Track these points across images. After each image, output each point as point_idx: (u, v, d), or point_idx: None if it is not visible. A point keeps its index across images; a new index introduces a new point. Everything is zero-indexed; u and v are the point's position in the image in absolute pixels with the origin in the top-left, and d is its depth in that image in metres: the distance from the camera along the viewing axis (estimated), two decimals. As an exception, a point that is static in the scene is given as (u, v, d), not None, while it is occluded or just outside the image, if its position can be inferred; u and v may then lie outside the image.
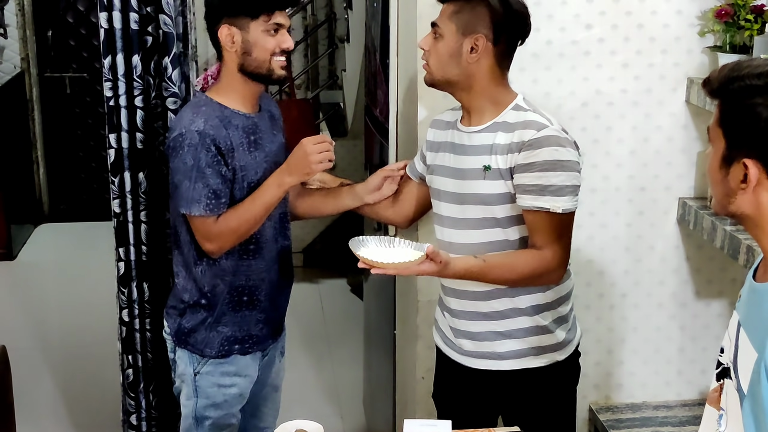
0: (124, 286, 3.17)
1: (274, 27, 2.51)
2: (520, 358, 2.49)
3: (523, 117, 2.38)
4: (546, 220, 2.33)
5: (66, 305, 5.36)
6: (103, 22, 2.96)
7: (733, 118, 1.58)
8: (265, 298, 2.71)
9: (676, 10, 2.87)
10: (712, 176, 1.66)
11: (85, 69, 6.58)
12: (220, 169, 2.50)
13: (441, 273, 2.29)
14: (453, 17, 2.39)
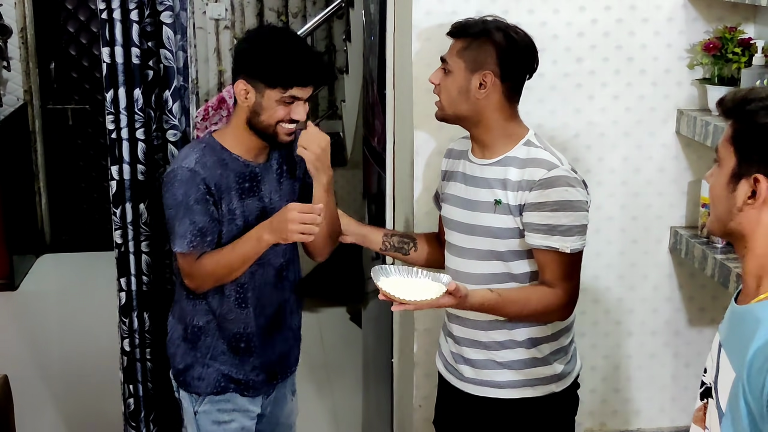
0: (126, 316, 3.22)
1: (288, 99, 2.50)
2: (518, 388, 2.53)
3: (534, 154, 2.43)
4: (556, 260, 2.38)
5: (68, 335, 5.40)
6: (105, 56, 3.02)
7: (747, 135, 1.65)
8: (261, 346, 2.71)
9: (666, 43, 2.93)
10: (716, 193, 1.72)
11: (87, 101, 6.65)
12: (208, 207, 2.53)
13: (459, 306, 2.32)
14: (461, 54, 2.45)
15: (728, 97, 1.71)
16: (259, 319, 2.68)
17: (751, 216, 1.66)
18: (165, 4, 2.99)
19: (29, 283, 6.27)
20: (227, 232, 2.57)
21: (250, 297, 2.65)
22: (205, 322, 2.67)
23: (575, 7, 2.88)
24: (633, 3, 2.90)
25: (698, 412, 1.82)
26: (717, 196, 1.72)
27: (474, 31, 2.44)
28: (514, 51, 2.43)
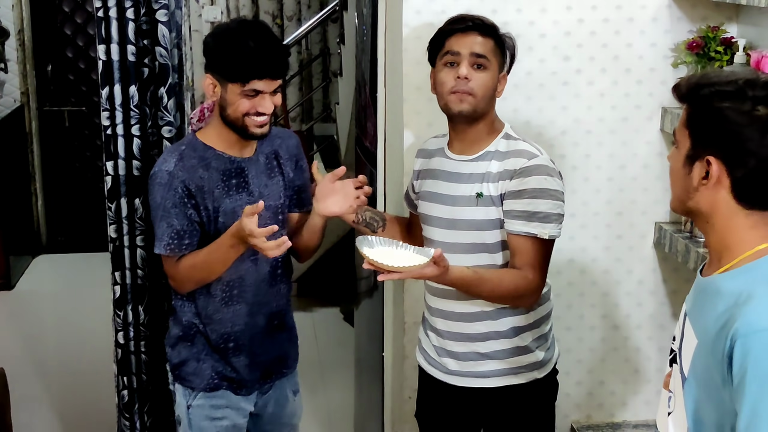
0: (120, 309, 3.27)
1: (251, 93, 2.48)
2: (502, 377, 2.58)
3: (514, 146, 2.49)
4: (532, 246, 2.43)
5: (63, 333, 5.44)
6: (101, 54, 3.08)
7: (701, 119, 1.71)
8: (253, 344, 2.73)
9: (651, 42, 3.00)
10: (674, 174, 1.79)
11: (84, 103, 6.70)
12: (186, 210, 2.54)
13: (440, 277, 2.35)
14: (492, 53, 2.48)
15: (683, 82, 1.77)
16: (255, 317, 2.71)
17: (707, 196, 1.73)
18: (160, 2, 3.05)
19: (25, 282, 6.31)
20: (218, 231, 2.58)
21: (237, 295, 2.66)
22: (194, 321, 2.69)
23: (562, 6, 2.95)
24: (619, 3, 2.96)
25: (667, 377, 1.92)
26: (675, 177, 1.80)
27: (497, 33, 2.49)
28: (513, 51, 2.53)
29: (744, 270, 1.70)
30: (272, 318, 2.76)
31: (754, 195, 1.71)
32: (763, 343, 1.59)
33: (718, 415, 1.70)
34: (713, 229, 1.76)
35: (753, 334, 1.60)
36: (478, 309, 2.55)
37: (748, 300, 1.64)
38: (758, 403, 1.58)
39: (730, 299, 1.67)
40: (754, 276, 1.68)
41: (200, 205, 2.56)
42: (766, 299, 1.63)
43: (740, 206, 1.72)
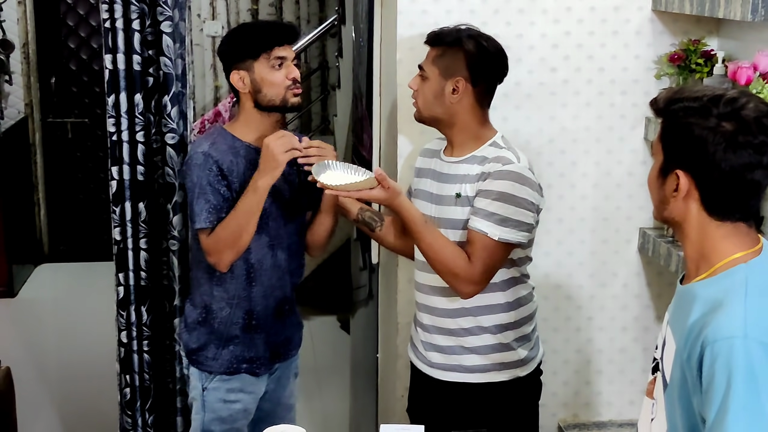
0: (123, 309, 3.38)
1: (277, 62, 2.73)
2: (484, 372, 2.70)
3: (497, 153, 2.62)
4: (481, 241, 2.55)
5: (64, 340, 5.56)
6: (108, 63, 3.20)
7: (671, 134, 1.79)
8: (268, 325, 2.88)
9: (635, 55, 3.12)
10: (650, 185, 1.88)
11: (87, 114, 6.83)
12: (219, 187, 2.71)
13: (390, 200, 2.52)
14: (436, 61, 2.65)
15: (659, 97, 1.84)
16: (269, 299, 2.86)
17: (679, 207, 1.80)
18: (165, 14, 3.17)
19: (28, 290, 6.42)
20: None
21: (256, 277, 2.82)
22: (222, 305, 2.84)
23: (550, 20, 3.07)
24: (604, 16, 3.09)
25: (650, 385, 1.98)
26: (651, 188, 1.88)
27: (447, 40, 2.64)
28: (484, 58, 2.63)
29: (719, 278, 1.76)
30: (283, 302, 2.92)
31: (722, 207, 1.77)
32: (729, 350, 1.65)
33: (690, 423, 1.76)
34: (688, 238, 1.83)
35: (720, 341, 1.66)
36: (459, 305, 2.67)
37: (719, 308, 1.70)
38: (721, 411, 1.64)
39: (705, 306, 1.73)
40: (727, 284, 1.74)
41: (231, 187, 2.73)
42: (735, 307, 1.69)
43: (711, 218, 1.78)
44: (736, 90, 1.80)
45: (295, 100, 2.79)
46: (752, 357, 1.64)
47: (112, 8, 3.17)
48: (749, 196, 1.77)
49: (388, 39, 3.21)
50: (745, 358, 1.64)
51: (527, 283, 2.76)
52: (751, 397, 1.64)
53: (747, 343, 1.65)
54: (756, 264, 1.76)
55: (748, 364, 1.64)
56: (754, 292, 1.72)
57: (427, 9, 3.02)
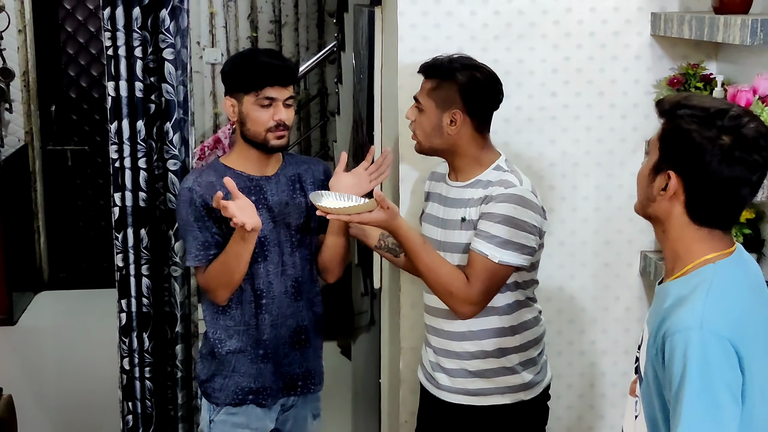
0: (125, 336, 3.38)
1: (265, 101, 2.72)
2: (488, 396, 2.70)
3: (500, 176, 2.64)
4: (481, 263, 2.56)
5: (65, 368, 5.55)
6: (110, 90, 3.22)
7: (671, 136, 1.88)
8: (276, 355, 2.85)
9: (634, 79, 3.14)
10: (640, 180, 1.98)
11: (87, 142, 6.84)
12: (206, 223, 2.72)
13: (389, 221, 2.53)
14: (431, 94, 2.67)
15: (666, 99, 1.95)
16: (279, 329, 2.84)
17: (664, 206, 1.91)
18: (167, 41, 3.19)
19: (27, 318, 6.41)
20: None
21: (263, 305, 2.80)
22: (230, 333, 2.83)
23: (549, 45, 3.10)
24: (603, 42, 3.11)
25: (633, 384, 2.11)
26: (640, 183, 1.98)
27: (441, 72, 2.66)
28: (478, 89, 2.64)
29: (689, 277, 1.88)
30: (297, 332, 2.88)
31: (704, 213, 1.89)
32: (685, 341, 1.77)
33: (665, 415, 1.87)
34: (667, 237, 1.94)
35: (678, 332, 1.79)
36: (465, 329, 2.68)
37: (682, 302, 1.83)
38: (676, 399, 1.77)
39: (671, 301, 1.86)
40: (694, 282, 1.86)
41: (221, 219, 2.71)
42: (695, 302, 1.81)
43: (691, 221, 1.89)
44: (741, 108, 1.88)
45: (276, 143, 2.76)
46: (706, 347, 1.76)
47: (115, 36, 3.18)
48: (732, 209, 1.90)
49: (388, 65, 3.23)
50: (700, 348, 1.76)
51: (533, 307, 2.76)
52: (704, 386, 1.75)
53: (702, 334, 1.77)
54: (724, 265, 1.88)
55: (702, 354, 1.76)
56: (716, 290, 1.83)
57: (427, 35, 3.04)
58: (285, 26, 6.69)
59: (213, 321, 2.85)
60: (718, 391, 1.76)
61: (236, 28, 6.63)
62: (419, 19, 3.03)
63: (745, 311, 1.86)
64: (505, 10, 3.05)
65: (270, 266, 2.80)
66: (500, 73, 2.92)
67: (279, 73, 2.74)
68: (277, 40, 6.69)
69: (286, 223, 2.82)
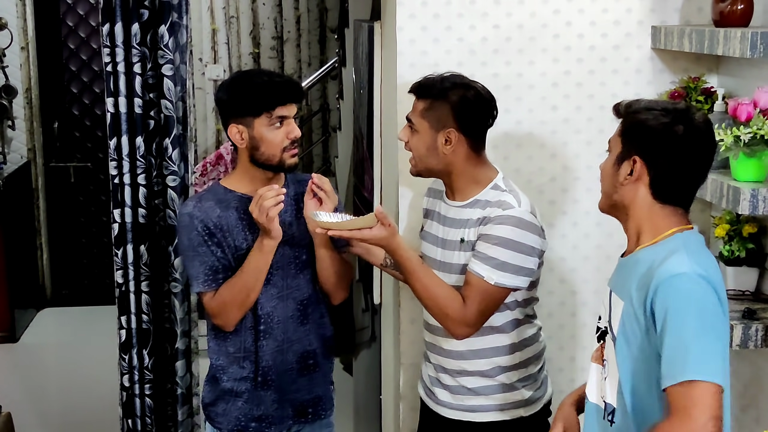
0: (125, 353, 3.37)
1: (278, 120, 2.65)
2: (488, 412, 2.68)
3: (498, 197, 2.61)
4: (477, 284, 2.54)
5: (67, 385, 5.53)
6: (110, 106, 3.22)
7: (632, 129, 2.16)
8: (281, 381, 2.79)
9: (635, 93, 3.12)
10: (605, 173, 2.21)
11: (89, 159, 6.84)
12: (210, 247, 2.67)
13: (388, 240, 2.52)
14: (424, 114, 2.63)
15: (622, 103, 2.22)
16: (285, 354, 2.78)
17: (630, 190, 2.15)
18: (166, 57, 3.19)
19: (30, 335, 6.39)
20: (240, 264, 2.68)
21: (265, 330, 2.74)
22: (231, 359, 2.77)
23: (549, 59, 3.09)
24: (603, 55, 3.10)
25: (596, 352, 2.29)
26: (605, 176, 2.22)
27: (433, 92, 2.62)
28: (470, 108, 2.61)
29: (660, 245, 2.11)
30: (304, 357, 2.82)
31: (667, 191, 2.13)
32: (677, 284, 2.00)
33: (646, 366, 2.06)
34: (632, 218, 2.17)
35: (668, 279, 2.00)
36: (464, 348, 2.66)
37: (665, 260, 2.04)
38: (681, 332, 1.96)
39: (649, 263, 2.07)
40: (669, 247, 2.09)
41: (222, 243, 2.68)
42: (680, 257, 2.04)
43: (656, 200, 2.14)
44: (685, 103, 2.25)
45: (292, 161, 2.71)
46: (698, 287, 1.99)
47: (114, 52, 3.19)
48: (690, 186, 2.16)
49: (388, 80, 3.22)
50: (694, 288, 1.99)
51: (533, 323, 2.75)
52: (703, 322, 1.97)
53: (694, 277, 2.00)
54: (691, 233, 2.15)
55: (696, 294, 1.99)
56: (692, 249, 2.09)
57: (426, 50, 3.03)
58: (287, 42, 6.70)
59: (215, 348, 2.79)
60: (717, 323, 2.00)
61: (238, 44, 6.64)
62: (418, 34, 3.03)
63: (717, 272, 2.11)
64: (504, 24, 3.05)
65: (273, 290, 2.74)
66: (500, 87, 2.92)
67: (288, 90, 2.69)
68: (279, 56, 6.70)
69: (291, 244, 2.75)
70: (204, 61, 6.60)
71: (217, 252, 2.68)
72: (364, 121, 3.69)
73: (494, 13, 3.05)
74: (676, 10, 3.11)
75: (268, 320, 2.75)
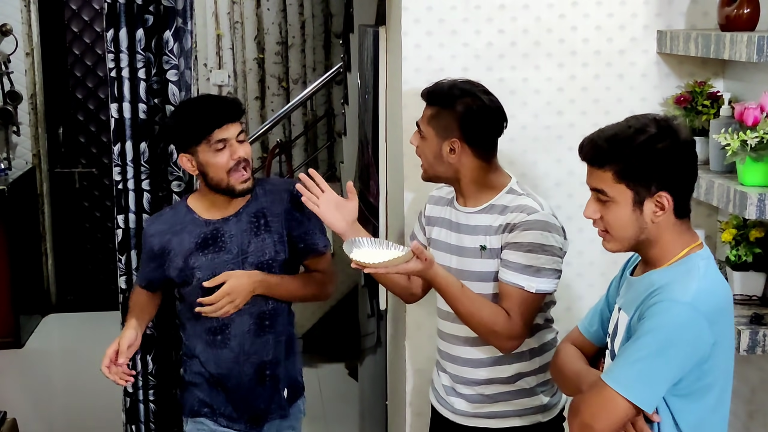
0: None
1: (219, 145, 2.70)
2: (506, 418, 2.66)
3: (517, 201, 2.58)
4: (518, 295, 2.52)
5: (71, 391, 5.52)
6: (114, 112, 3.21)
7: (634, 170, 2.05)
8: (238, 390, 2.87)
9: (641, 97, 3.12)
10: (623, 223, 2.10)
11: (94, 164, 6.85)
12: (150, 263, 2.88)
13: (425, 271, 2.46)
14: (431, 122, 2.61)
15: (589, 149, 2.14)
16: (243, 366, 2.85)
17: (658, 225, 2.09)
18: (171, 63, 3.19)
19: (35, 341, 6.39)
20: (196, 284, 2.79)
21: (221, 341, 2.83)
22: (189, 354, 2.92)
23: (555, 63, 3.08)
24: (609, 60, 3.09)
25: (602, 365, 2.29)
26: (624, 226, 2.10)
27: (440, 99, 2.59)
28: (476, 119, 2.56)
29: (674, 266, 2.09)
30: (262, 368, 2.87)
31: (685, 207, 2.11)
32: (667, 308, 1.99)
33: None
34: (656, 245, 2.11)
35: (665, 301, 2.01)
36: (483, 356, 2.64)
37: (675, 283, 2.03)
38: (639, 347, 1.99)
39: (660, 283, 2.06)
40: (679, 270, 2.07)
41: (166, 264, 2.84)
42: (690, 281, 2.03)
43: (677, 219, 2.10)
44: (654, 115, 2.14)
45: (242, 187, 2.75)
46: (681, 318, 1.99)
47: (118, 57, 3.18)
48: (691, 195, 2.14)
49: (393, 85, 3.21)
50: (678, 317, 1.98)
51: (552, 328, 2.73)
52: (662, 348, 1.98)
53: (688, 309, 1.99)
54: (701, 254, 2.11)
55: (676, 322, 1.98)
56: (710, 278, 2.07)
57: (432, 55, 3.03)
58: (292, 48, 6.70)
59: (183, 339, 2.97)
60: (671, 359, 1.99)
61: (243, 49, 6.65)
62: (423, 39, 3.02)
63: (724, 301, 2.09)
64: (509, 28, 3.04)
65: None
66: (505, 92, 2.91)
67: (223, 111, 2.72)
68: (283, 62, 6.70)
69: (248, 263, 2.80)
70: (209, 66, 6.60)
71: (156, 270, 2.88)
72: (369, 126, 3.68)
73: (499, 17, 3.04)
74: (681, 14, 3.10)
75: (225, 331, 2.82)
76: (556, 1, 3.05)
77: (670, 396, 2.07)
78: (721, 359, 2.08)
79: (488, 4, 3.03)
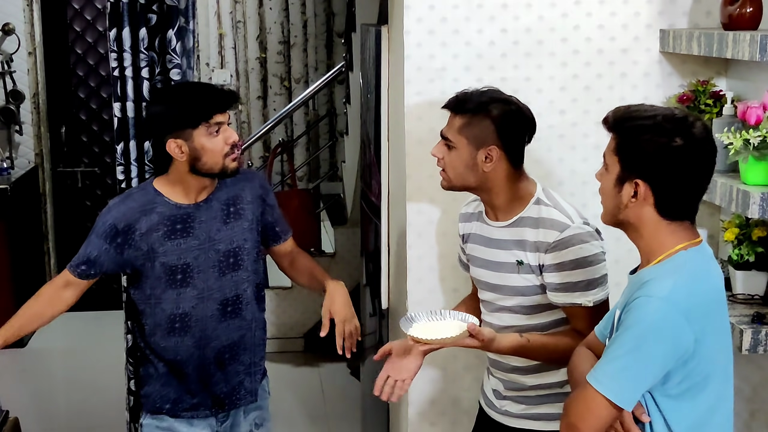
0: (132, 357, 3.36)
1: (215, 128, 2.72)
2: (553, 421, 2.63)
3: (545, 213, 2.55)
4: (581, 313, 2.52)
5: (74, 390, 5.53)
6: (117, 111, 3.22)
7: (628, 148, 2.06)
8: (199, 374, 2.87)
9: (643, 96, 3.12)
10: (606, 192, 2.14)
11: (97, 163, 6.86)
12: (104, 245, 2.79)
13: (486, 348, 2.48)
14: (462, 130, 2.54)
15: (610, 114, 2.13)
16: (204, 350, 2.85)
17: (635, 210, 2.09)
18: (174, 62, 3.19)
19: (37, 340, 6.38)
20: (154, 267, 2.79)
21: (180, 328, 2.82)
22: (142, 345, 2.91)
23: (557, 63, 3.08)
24: (612, 59, 3.09)
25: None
26: (606, 195, 2.14)
27: (471, 107, 2.54)
28: (513, 122, 2.55)
29: (663, 263, 2.07)
30: (222, 351, 2.88)
31: (672, 209, 2.08)
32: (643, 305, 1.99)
33: None
34: (641, 237, 2.12)
35: (642, 297, 2.01)
36: (530, 363, 2.63)
37: (650, 281, 2.04)
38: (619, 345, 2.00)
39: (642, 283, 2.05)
40: (665, 268, 2.06)
41: (126, 245, 2.77)
42: (667, 278, 2.02)
43: (662, 218, 2.08)
44: (682, 110, 2.14)
45: (234, 165, 2.78)
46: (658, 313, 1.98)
47: (122, 56, 3.19)
48: (694, 200, 2.10)
49: (395, 85, 3.21)
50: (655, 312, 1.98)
51: None
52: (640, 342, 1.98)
53: (664, 305, 1.98)
54: (695, 252, 2.09)
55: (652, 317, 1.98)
56: (688, 272, 2.05)
57: (434, 54, 3.03)
58: (294, 47, 6.71)
59: (135, 328, 2.99)
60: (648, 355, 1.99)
61: (245, 49, 6.66)
62: (425, 38, 3.02)
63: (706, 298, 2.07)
64: (512, 27, 3.04)
65: (193, 291, 2.81)
66: (508, 91, 2.89)
67: (225, 97, 2.76)
68: (285, 61, 6.71)
69: (215, 250, 2.82)
70: (211, 65, 6.61)
71: (109, 251, 2.79)
72: (371, 125, 3.68)
73: (502, 16, 3.04)
74: (684, 13, 3.10)
75: (185, 319, 2.82)
76: (558, 0, 3.05)
77: (660, 397, 2.07)
78: (708, 357, 2.06)
79: (490, 3, 3.03)
